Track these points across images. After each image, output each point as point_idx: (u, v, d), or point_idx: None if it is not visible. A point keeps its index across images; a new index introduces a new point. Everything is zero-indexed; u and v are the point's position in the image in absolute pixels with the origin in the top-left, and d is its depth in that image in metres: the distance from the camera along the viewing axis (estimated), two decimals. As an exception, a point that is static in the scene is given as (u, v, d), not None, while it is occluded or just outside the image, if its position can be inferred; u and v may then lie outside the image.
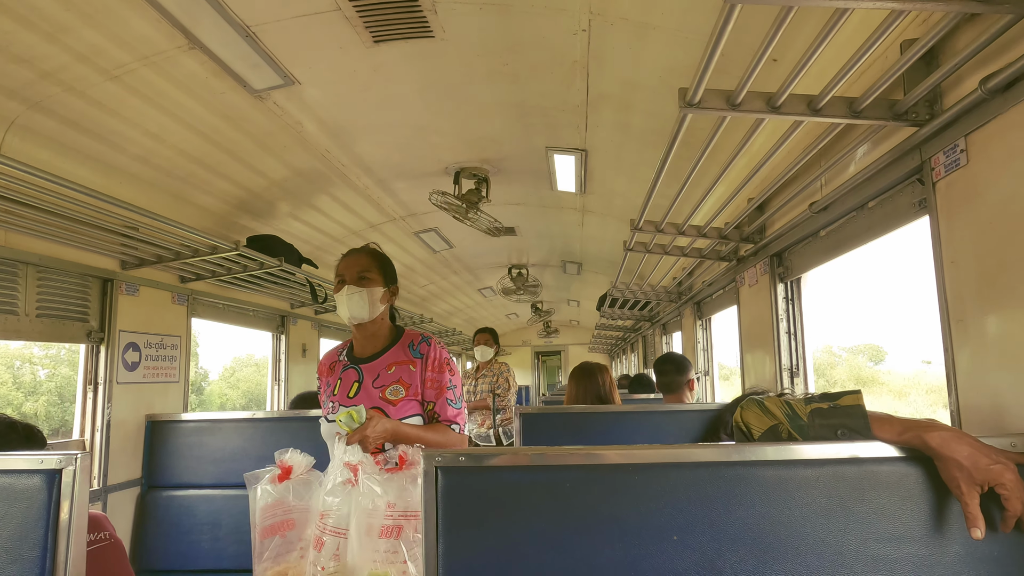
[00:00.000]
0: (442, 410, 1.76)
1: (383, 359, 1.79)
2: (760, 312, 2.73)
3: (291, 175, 3.24)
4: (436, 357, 1.78)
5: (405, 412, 1.72)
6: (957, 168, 1.36)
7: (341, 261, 1.84)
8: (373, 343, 1.82)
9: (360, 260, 1.82)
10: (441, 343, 1.83)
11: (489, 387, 4.72)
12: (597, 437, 2.10)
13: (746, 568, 0.90)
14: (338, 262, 1.85)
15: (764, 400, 1.07)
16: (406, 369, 1.76)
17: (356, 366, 1.81)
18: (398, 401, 1.72)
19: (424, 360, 1.77)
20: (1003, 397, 1.23)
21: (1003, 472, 0.85)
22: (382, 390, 1.74)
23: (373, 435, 1.56)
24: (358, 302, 1.75)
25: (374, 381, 1.76)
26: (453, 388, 1.78)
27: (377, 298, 1.78)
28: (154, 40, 1.96)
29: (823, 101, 1.44)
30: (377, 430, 1.57)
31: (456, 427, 1.77)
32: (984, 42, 1.17)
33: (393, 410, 1.71)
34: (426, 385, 1.75)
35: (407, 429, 1.67)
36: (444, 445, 1.69)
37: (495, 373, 4.77)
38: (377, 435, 1.57)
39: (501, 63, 2.37)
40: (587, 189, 3.82)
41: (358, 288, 1.76)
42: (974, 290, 1.31)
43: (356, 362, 1.82)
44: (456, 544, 0.93)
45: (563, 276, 7.19)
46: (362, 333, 1.82)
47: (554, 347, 14.03)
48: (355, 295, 1.75)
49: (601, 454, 0.95)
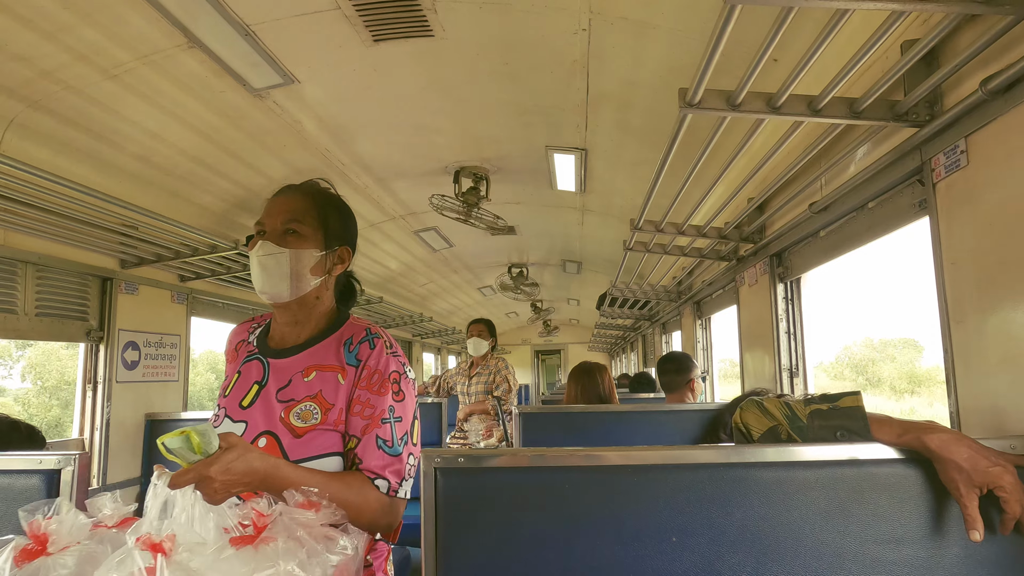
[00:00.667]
0: (366, 452, 1.09)
1: (301, 357, 1.17)
2: (760, 312, 2.73)
3: (291, 174, 3.24)
4: (377, 367, 1.14)
5: (313, 449, 1.09)
6: (957, 169, 1.35)
7: (267, 203, 1.22)
8: (295, 331, 1.21)
9: (291, 203, 1.19)
10: (395, 347, 1.19)
11: (485, 388, 3.92)
12: (596, 437, 2.09)
13: (745, 570, 0.90)
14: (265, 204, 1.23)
15: (763, 401, 1.07)
16: (331, 380, 1.13)
17: (263, 358, 1.20)
18: (306, 431, 1.09)
19: (360, 368, 1.14)
20: (1003, 399, 1.23)
21: (1002, 474, 0.84)
22: (287, 408, 1.12)
23: (224, 478, 0.88)
24: (274, 269, 1.14)
25: (280, 390, 1.14)
26: (395, 421, 1.12)
27: (306, 266, 1.16)
28: (153, 39, 1.95)
29: (823, 101, 1.44)
30: (233, 470, 0.89)
31: (383, 484, 1.08)
32: (985, 43, 1.16)
33: (296, 444, 1.09)
34: (352, 408, 1.12)
35: (293, 473, 0.99)
36: (352, 512, 1.00)
37: (492, 371, 3.95)
38: (231, 479, 0.89)
39: (501, 62, 2.37)
40: (587, 188, 3.81)
41: (277, 247, 1.14)
42: (974, 291, 1.31)
43: (266, 353, 1.21)
44: (455, 546, 0.93)
45: (563, 275, 7.19)
46: (283, 316, 1.21)
47: (554, 346, 14.04)
48: (270, 258, 1.14)
49: (600, 455, 0.95)
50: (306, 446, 1.10)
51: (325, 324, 1.22)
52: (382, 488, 1.08)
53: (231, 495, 0.92)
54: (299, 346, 1.19)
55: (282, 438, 1.10)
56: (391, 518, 1.11)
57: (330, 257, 1.21)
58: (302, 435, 1.10)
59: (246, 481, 0.92)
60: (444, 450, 0.95)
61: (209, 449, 0.89)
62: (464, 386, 4.04)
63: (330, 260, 1.21)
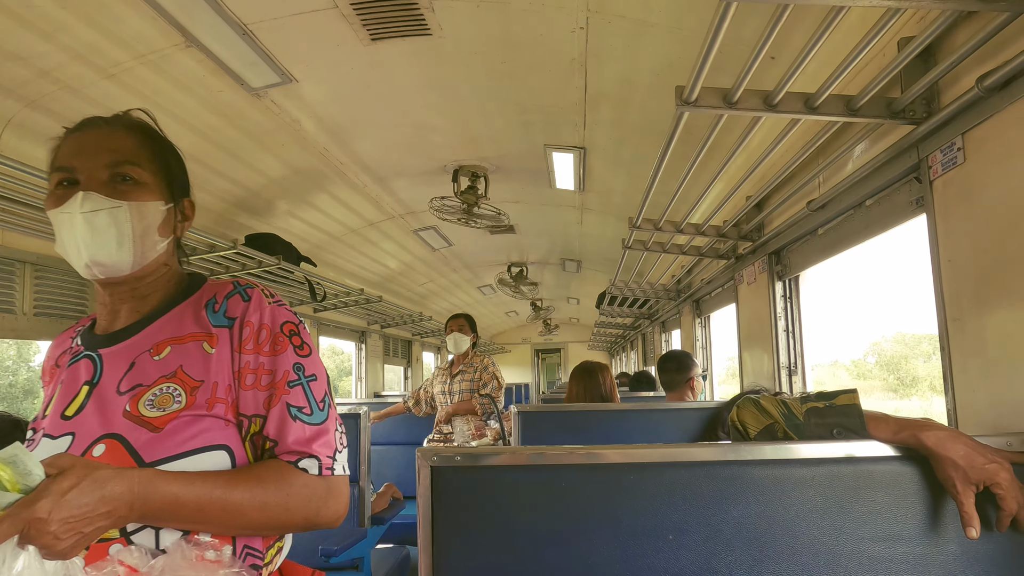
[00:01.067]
0: (280, 429, 0.84)
1: (146, 335, 0.88)
2: (758, 310, 2.73)
3: (289, 173, 3.24)
4: (262, 320, 0.87)
5: (182, 444, 0.79)
6: (954, 166, 1.35)
7: (67, 140, 0.90)
8: (134, 307, 0.91)
9: (116, 140, 0.88)
10: (277, 297, 0.92)
11: (470, 386, 3.57)
12: (596, 435, 2.10)
13: (741, 567, 0.90)
14: (59, 143, 0.91)
15: (760, 399, 1.07)
16: (195, 352, 0.85)
17: (93, 352, 0.89)
18: (167, 420, 0.80)
19: (236, 328, 0.86)
20: (999, 396, 1.23)
21: (998, 471, 0.85)
22: (134, 398, 0.82)
23: (64, 516, 0.61)
24: (109, 230, 0.84)
25: (121, 381, 0.84)
26: (308, 381, 0.87)
27: (153, 224, 0.88)
28: (151, 38, 1.95)
29: (820, 99, 1.43)
30: (74, 503, 0.62)
31: (311, 464, 0.83)
32: (981, 40, 1.16)
33: (153, 441, 0.79)
34: (243, 380, 0.85)
35: (180, 487, 0.73)
36: (277, 517, 0.79)
37: (477, 369, 3.60)
38: (75, 515, 0.62)
39: (499, 61, 2.37)
40: (586, 187, 3.81)
41: (110, 200, 0.84)
42: (971, 288, 1.31)
43: (94, 345, 0.90)
44: (452, 545, 0.93)
45: (562, 274, 7.19)
46: (118, 295, 0.91)
47: (554, 345, 14.05)
48: (103, 216, 0.83)
49: (599, 453, 0.95)
50: (169, 440, 0.78)
51: (175, 290, 0.94)
52: (311, 469, 0.82)
53: (86, 540, 0.63)
54: (141, 322, 0.89)
55: (130, 437, 0.78)
56: (334, 505, 0.84)
57: (176, 212, 0.94)
58: (162, 427, 0.79)
59: (104, 512, 0.64)
60: (441, 448, 0.95)
61: (29, 481, 0.60)
62: (445, 385, 3.62)
63: (176, 216, 0.94)
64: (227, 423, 0.83)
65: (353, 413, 2.22)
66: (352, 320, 5.74)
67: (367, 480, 2.21)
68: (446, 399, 3.61)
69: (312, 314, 4.82)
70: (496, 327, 13.01)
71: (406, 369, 7.87)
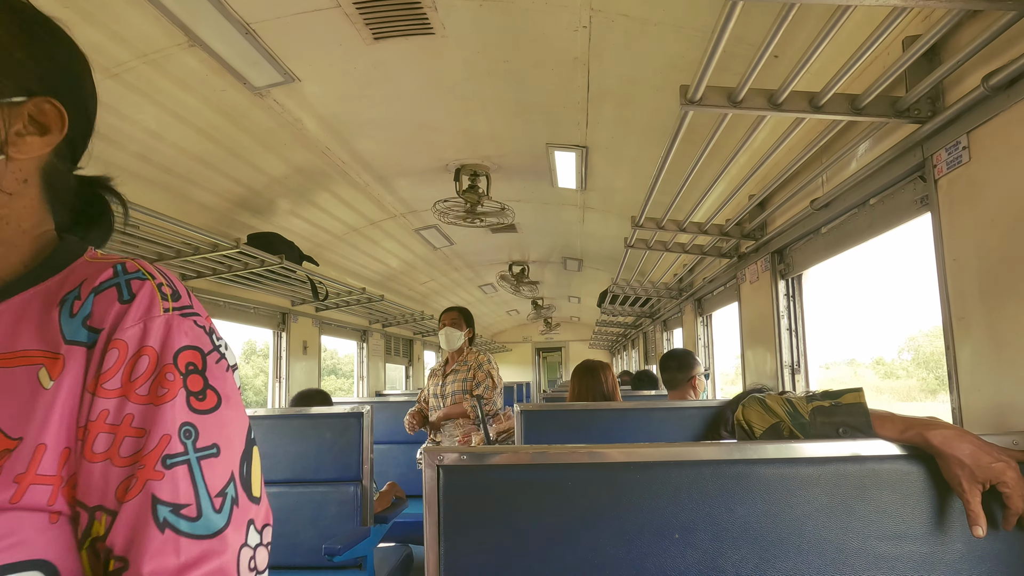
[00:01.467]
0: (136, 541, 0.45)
1: None
2: (761, 309, 2.73)
3: (291, 172, 3.24)
4: (146, 337, 0.49)
5: None
6: (959, 165, 1.35)
7: None
8: None
9: None
10: (184, 297, 0.53)
11: (463, 386, 3.20)
12: (598, 434, 2.10)
13: (747, 566, 0.90)
14: None
15: (766, 398, 1.07)
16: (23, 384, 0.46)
17: None
18: None
19: (99, 347, 0.48)
20: (1005, 395, 1.23)
21: (1005, 470, 0.85)
22: None
23: None
24: None
25: None
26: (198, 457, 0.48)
27: None
28: (154, 38, 1.95)
29: (825, 98, 1.43)
30: None
31: None
32: (986, 39, 1.16)
33: None
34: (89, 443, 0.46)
35: None
36: None
37: (471, 367, 3.22)
38: None
39: (501, 60, 2.36)
40: (588, 186, 3.81)
41: None
42: (976, 287, 1.31)
43: None
44: (457, 543, 0.93)
45: (564, 272, 7.19)
46: None
47: (555, 343, 14.05)
48: None
49: (603, 452, 0.95)
50: None
51: (27, 258, 0.53)
52: None
53: None
54: None
55: None
56: None
57: (9, 112, 0.52)
58: None
59: None
60: (447, 447, 0.96)
61: None
62: (438, 387, 3.25)
63: (11, 118, 0.52)
64: (52, 519, 0.46)
65: (356, 412, 2.22)
66: (354, 319, 5.74)
67: (370, 479, 2.21)
68: (439, 403, 3.22)
69: (314, 313, 4.83)
70: (497, 326, 13.02)
71: (407, 368, 7.87)
